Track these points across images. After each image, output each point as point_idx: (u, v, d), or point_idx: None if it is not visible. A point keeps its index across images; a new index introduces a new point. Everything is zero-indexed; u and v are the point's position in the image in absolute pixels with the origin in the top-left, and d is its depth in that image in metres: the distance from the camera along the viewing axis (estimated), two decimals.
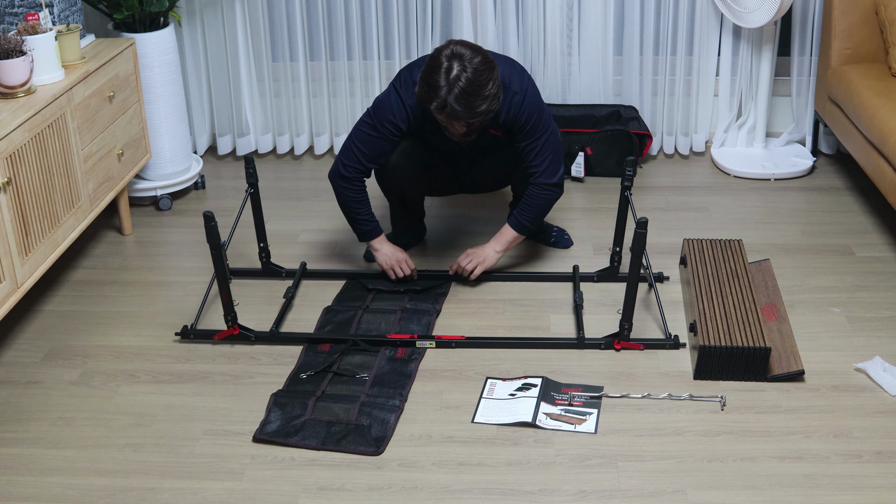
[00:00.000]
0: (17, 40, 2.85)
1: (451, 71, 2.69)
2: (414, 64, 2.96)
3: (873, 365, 2.64)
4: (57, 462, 2.39)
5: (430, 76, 2.72)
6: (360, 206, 3.06)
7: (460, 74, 2.69)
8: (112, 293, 3.19)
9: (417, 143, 3.07)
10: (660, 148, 4.20)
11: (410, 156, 3.07)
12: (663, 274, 3.17)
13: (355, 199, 3.05)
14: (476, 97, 2.70)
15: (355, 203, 3.05)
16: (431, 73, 2.72)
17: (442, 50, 2.74)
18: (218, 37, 4.08)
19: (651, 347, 2.78)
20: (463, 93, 2.69)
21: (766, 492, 2.23)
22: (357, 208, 3.06)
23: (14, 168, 2.68)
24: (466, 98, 2.70)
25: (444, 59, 2.71)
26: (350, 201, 3.05)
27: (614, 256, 3.14)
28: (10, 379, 2.74)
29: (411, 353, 2.78)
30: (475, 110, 2.72)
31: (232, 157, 4.28)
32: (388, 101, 2.93)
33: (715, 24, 3.97)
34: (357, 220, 3.09)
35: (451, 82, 2.69)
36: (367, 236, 3.12)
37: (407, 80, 2.92)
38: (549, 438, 2.43)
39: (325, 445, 2.40)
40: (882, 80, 3.47)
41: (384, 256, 3.13)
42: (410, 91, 2.89)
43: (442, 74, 2.70)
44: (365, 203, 3.06)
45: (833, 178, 3.91)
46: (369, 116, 2.97)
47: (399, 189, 3.17)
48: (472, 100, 2.70)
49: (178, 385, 2.69)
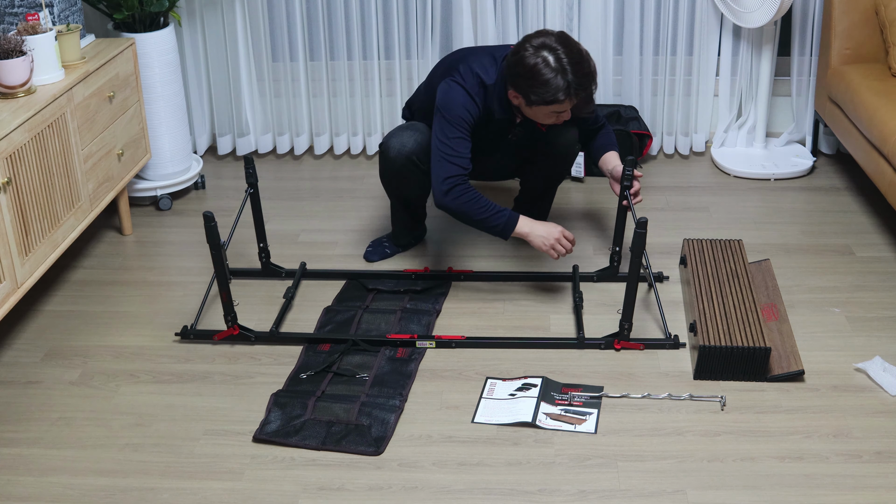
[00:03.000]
0: (17, 40, 2.85)
1: (549, 60, 2.75)
2: (462, 56, 2.97)
3: (873, 365, 2.64)
4: (57, 462, 2.39)
5: (537, 78, 2.75)
6: (485, 206, 2.89)
7: (559, 56, 2.75)
8: (112, 293, 3.19)
9: (424, 146, 3.07)
10: (660, 148, 4.20)
11: (415, 160, 3.06)
12: (663, 273, 3.17)
13: (477, 202, 2.88)
14: (585, 61, 2.78)
15: (479, 205, 2.88)
16: (535, 76, 2.75)
17: (524, 53, 2.77)
18: (218, 37, 4.08)
19: (651, 347, 2.78)
20: (574, 65, 2.75)
21: (766, 492, 2.23)
22: (484, 209, 2.89)
23: (14, 168, 2.68)
24: (579, 67, 2.76)
25: (535, 58, 2.75)
26: (475, 206, 2.88)
27: (614, 256, 3.14)
28: (10, 379, 2.74)
29: (411, 353, 2.78)
30: (593, 71, 2.80)
31: (232, 157, 4.28)
32: (457, 98, 2.89)
33: (715, 24, 3.97)
34: (490, 219, 2.89)
35: (561, 68, 2.75)
36: (509, 227, 2.90)
37: (466, 73, 2.91)
38: (549, 438, 2.43)
39: (325, 445, 2.40)
40: (882, 80, 3.47)
41: (540, 238, 2.92)
42: (474, 82, 2.90)
43: (545, 68, 2.75)
44: (485, 200, 2.90)
45: (833, 178, 3.91)
46: (444, 122, 2.89)
47: (403, 190, 3.17)
48: (585, 64, 2.78)
49: (178, 385, 2.69)
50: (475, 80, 2.93)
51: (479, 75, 2.93)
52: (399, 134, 3.08)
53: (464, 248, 3.40)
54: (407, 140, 3.06)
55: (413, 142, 3.05)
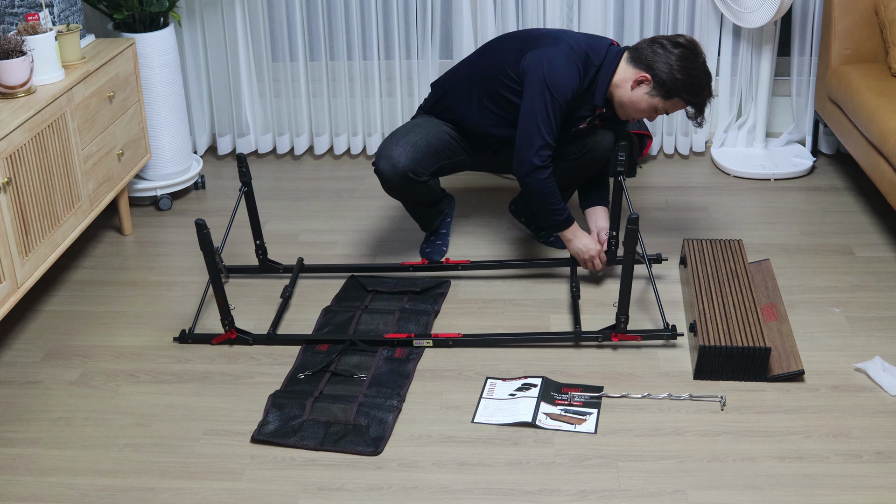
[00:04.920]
0: (17, 40, 2.85)
1: (704, 70, 2.87)
2: (555, 34, 2.96)
3: (873, 365, 2.64)
4: (57, 462, 2.39)
5: (703, 72, 2.86)
6: (557, 196, 2.94)
7: (709, 69, 2.90)
8: (112, 293, 3.19)
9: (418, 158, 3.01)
10: (660, 148, 4.20)
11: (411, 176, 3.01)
12: (661, 254, 3.19)
13: (554, 189, 2.92)
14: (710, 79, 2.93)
15: (555, 193, 2.93)
16: (700, 69, 2.85)
17: (682, 43, 2.86)
18: (218, 37, 4.08)
19: (648, 338, 2.78)
20: (708, 77, 2.89)
21: (765, 492, 2.23)
22: (557, 199, 2.94)
23: (14, 168, 2.68)
24: (710, 82, 2.90)
25: (702, 56, 2.86)
26: (550, 190, 2.91)
27: (610, 241, 3.14)
28: (10, 379, 2.74)
29: (409, 353, 2.78)
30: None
31: (232, 158, 4.28)
32: (565, 71, 2.87)
33: (715, 24, 3.97)
34: (553, 211, 2.95)
35: (709, 76, 2.88)
36: (564, 225, 2.99)
37: (578, 47, 2.91)
38: (549, 438, 2.43)
39: (323, 446, 2.40)
40: (882, 80, 3.47)
41: (581, 246, 3.03)
42: (582, 58, 2.90)
43: (705, 66, 2.87)
44: (556, 188, 2.94)
45: (833, 178, 3.91)
46: (546, 91, 2.85)
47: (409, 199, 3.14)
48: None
49: (178, 385, 2.69)
50: (583, 56, 2.91)
51: (588, 54, 2.91)
52: (388, 151, 3.00)
53: (463, 248, 3.40)
54: (398, 158, 2.98)
55: (405, 158, 2.98)
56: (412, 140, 3.03)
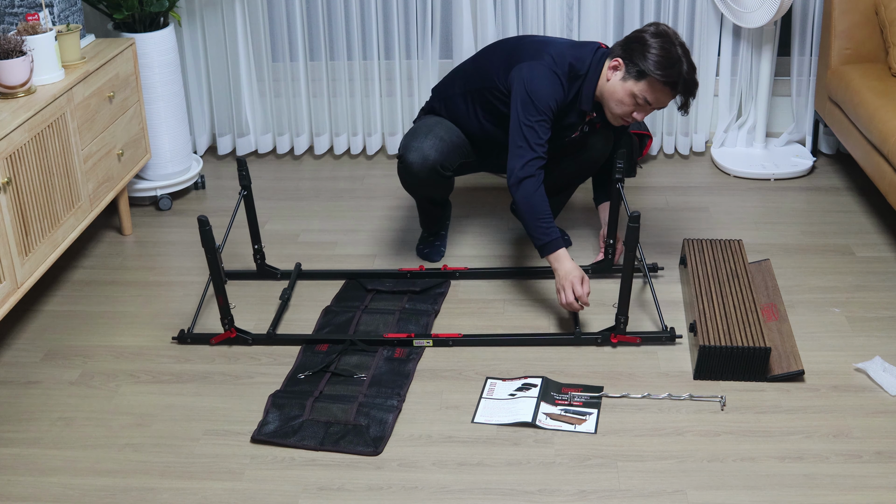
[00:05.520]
0: (17, 40, 2.85)
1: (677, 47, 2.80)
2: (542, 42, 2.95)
3: (873, 365, 2.64)
4: (57, 462, 2.39)
5: (667, 52, 2.79)
6: (545, 213, 2.83)
7: (687, 52, 2.82)
8: (112, 293, 3.19)
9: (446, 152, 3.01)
10: (660, 148, 4.20)
11: (439, 170, 3.01)
12: (657, 265, 3.18)
13: (541, 205, 2.82)
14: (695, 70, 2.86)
15: (541, 209, 2.82)
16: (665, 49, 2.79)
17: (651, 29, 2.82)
18: (218, 37, 4.08)
19: (647, 341, 2.79)
20: (691, 67, 2.82)
21: (766, 492, 2.22)
22: (543, 216, 2.82)
23: (14, 168, 2.68)
24: (694, 72, 2.84)
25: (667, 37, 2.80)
26: (538, 208, 2.81)
27: (608, 249, 3.14)
28: (10, 379, 2.74)
29: (409, 353, 2.78)
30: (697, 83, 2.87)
31: (232, 158, 4.28)
32: (547, 82, 2.86)
33: (715, 24, 3.97)
34: (540, 228, 2.82)
35: (686, 58, 2.80)
36: (550, 248, 2.83)
37: (560, 58, 2.89)
38: (549, 438, 2.43)
39: (323, 446, 2.40)
40: (882, 80, 3.47)
41: (563, 273, 2.82)
42: (566, 69, 2.89)
43: (673, 49, 2.79)
44: (547, 206, 2.84)
45: (833, 178, 3.91)
46: (530, 106, 2.83)
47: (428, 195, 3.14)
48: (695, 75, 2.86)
49: (178, 385, 2.69)
50: (566, 69, 2.89)
51: (573, 64, 2.90)
52: (418, 143, 3.00)
53: (462, 248, 3.40)
54: (429, 151, 2.98)
55: (435, 151, 2.99)
56: (438, 135, 3.04)
